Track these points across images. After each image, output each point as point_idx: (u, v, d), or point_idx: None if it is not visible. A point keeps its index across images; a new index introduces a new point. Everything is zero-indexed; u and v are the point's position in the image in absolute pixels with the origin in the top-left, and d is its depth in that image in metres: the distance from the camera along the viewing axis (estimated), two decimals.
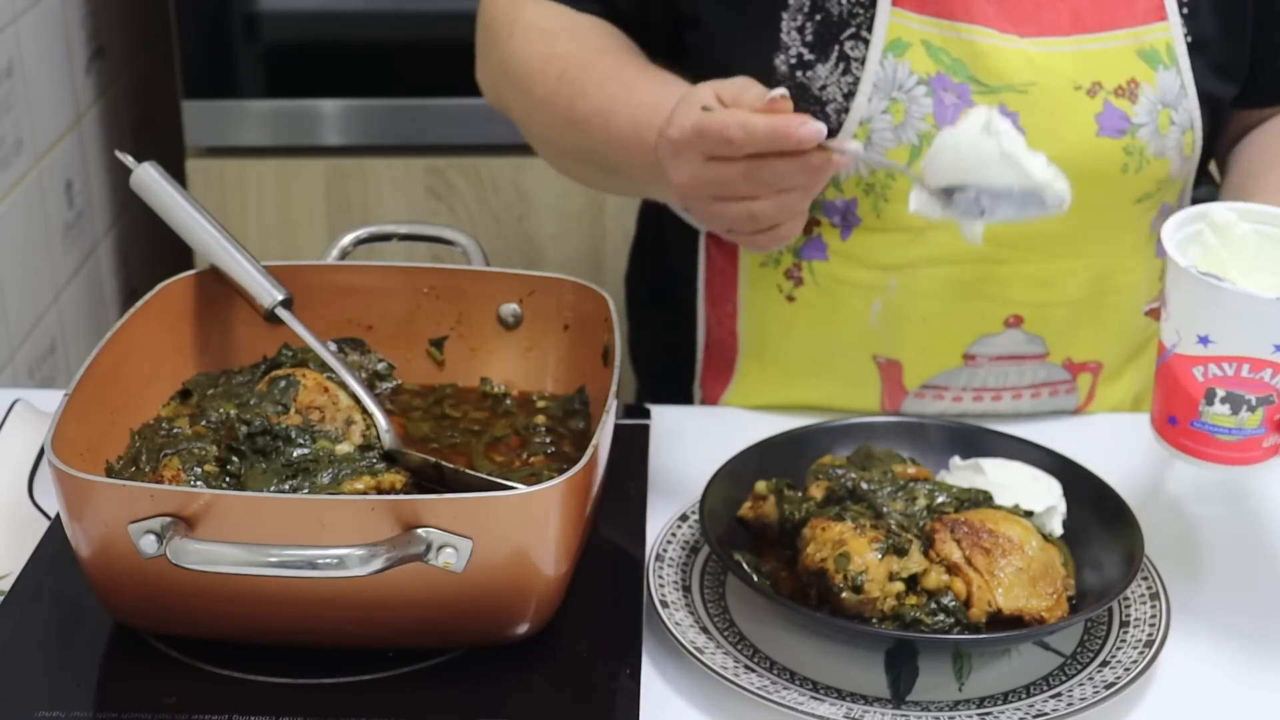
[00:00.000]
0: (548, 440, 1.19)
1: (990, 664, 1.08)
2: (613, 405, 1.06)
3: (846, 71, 1.29)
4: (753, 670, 1.06)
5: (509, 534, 0.97)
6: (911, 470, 1.16)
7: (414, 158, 2.26)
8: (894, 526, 1.09)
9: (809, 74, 1.30)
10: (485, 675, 1.02)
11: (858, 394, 1.38)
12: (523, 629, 1.03)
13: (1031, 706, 1.03)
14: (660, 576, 1.13)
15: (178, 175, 2.26)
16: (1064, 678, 1.06)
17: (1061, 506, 1.16)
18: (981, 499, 1.14)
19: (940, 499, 1.12)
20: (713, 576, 1.15)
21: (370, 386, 1.16)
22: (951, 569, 1.07)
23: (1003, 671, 1.07)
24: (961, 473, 1.19)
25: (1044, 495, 1.16)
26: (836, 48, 1.29)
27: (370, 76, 2.25)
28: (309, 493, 1.04)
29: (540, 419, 1.21)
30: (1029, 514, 1.13)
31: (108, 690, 1.02)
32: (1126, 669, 1.05)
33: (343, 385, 1.12)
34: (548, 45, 1.34)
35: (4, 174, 1.88)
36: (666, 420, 1.36)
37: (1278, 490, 1.31)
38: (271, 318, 1.17)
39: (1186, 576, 1.16)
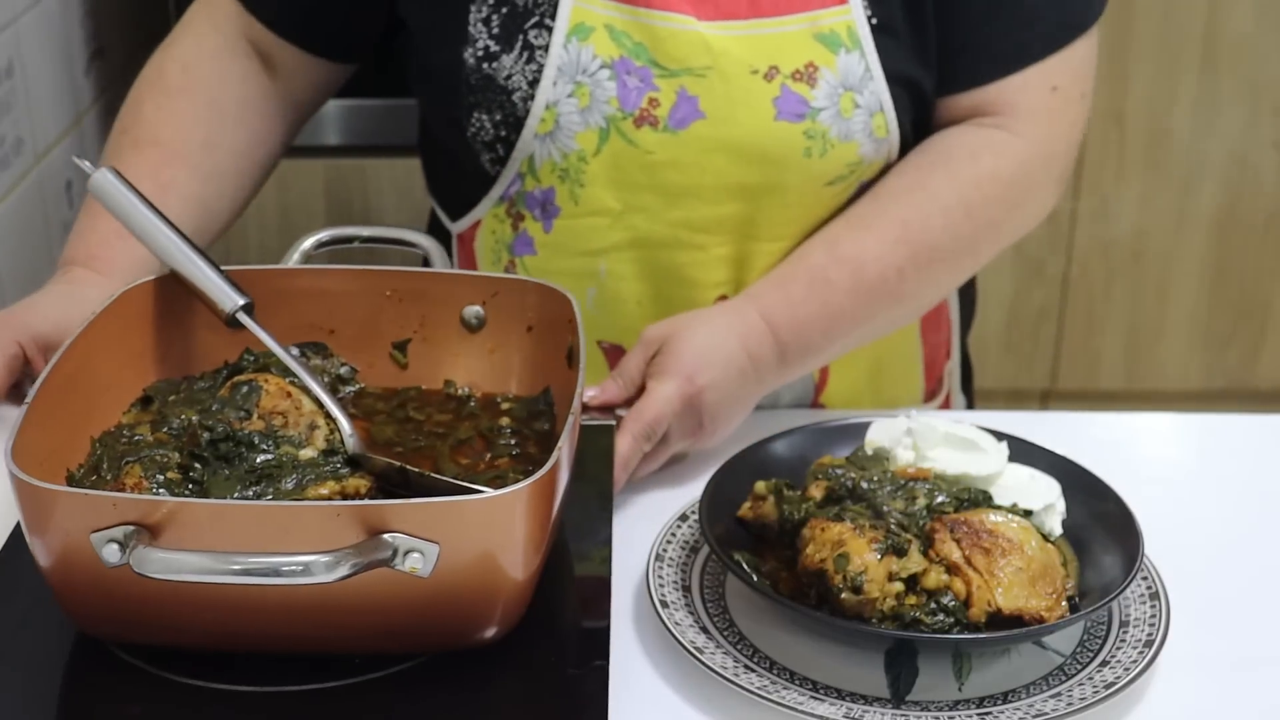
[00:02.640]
0: (513, 442, 1.18)
1: (990, 664, 1.08)
2: (578, 406, 1.05)
3: (531, 60, 1.32)
4: (753, 670, 1.06)
5: (476, 537, 0.96)
6: (911, 470, 1.16)
7: (414, 158, 2.25)
8: (894, 526, 1.09)
9: (494, 65, 1.33)
10: (453, 680, 1.01)
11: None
12: (490, 632, 1.02)
13: (1031, 706, 1.03)
14: (660, 576, 1.13)
15: None
16: (1064, 678, 1.06)
17: (1060, 505, 1.16)
18: (981, 499, 1.14)
19: (940, 498, 1.12)
20: (713, 576, 1.15)
21: (333, 390, 1.14)
22: (951, 569, 1.07)
23: (1002, 671, 1.07)
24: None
25: (1042, 494, 1.16)
26: (521, 37, 1.32)
27: (370, 76, 2.25)
28: (273, 499, 1.03)
29: (505, 421, 1.20)
30: (1028, 513, 1.13)
31: (71, 701, 1.01)
32: (1126, 669, 1.05)
33: (305, 390, 1.11)
34: (156, 96, 1.43)
35: (4, 174, 1.88)
36: None
37: (1278, 490, 1.32)
38: (232, 323, 1.15)
39: (1186, 576, 1.16)
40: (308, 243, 1.26)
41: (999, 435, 1.21)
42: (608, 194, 1.35)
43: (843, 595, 1.05)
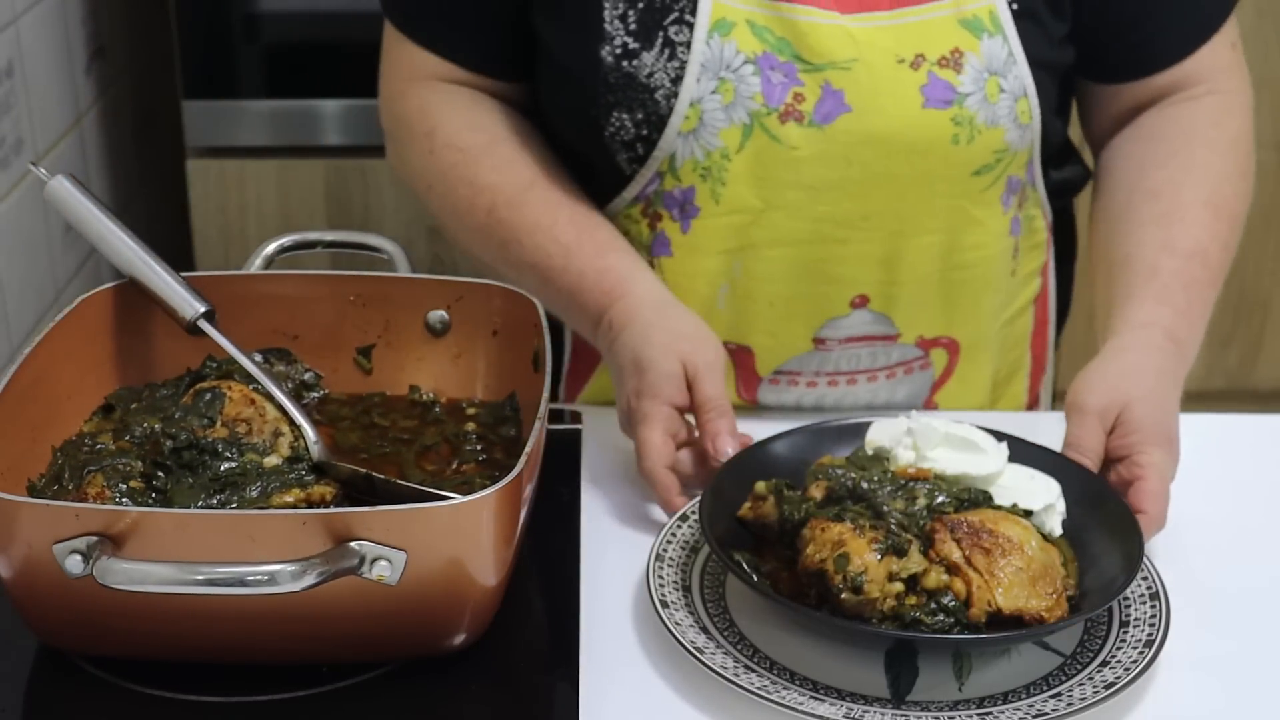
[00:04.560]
0: (479, 448, 1.17)
1: (990, 664, 1.08)
2: (544, 412, 1.05)
3: (672, 57, 1.31)
4: (753, 670, 1.06)
5: (444, 544, 0.95)
6: (911, 470, 1.16)
7: None
8: (894, 526, 1.09)
9: (635, 63, 1.31)
10: (422, 688, 1.01)
11: None
12: (459, 640, 1.01)
13: (1031, 706, 1.03)
14: (660, 576, 1.13)
15: (178, 175, 2.27)
16: (1064, 678, 1.06)
17: (1060, 505, 1.16)
18: (981, 499, 1.14)
19: (940, 498, 1.12)
20: (713, 576, 1.15)
21: (297, 397, 1.14)
22: (951, 569, 1.07)
23: (1003, 671, 1.07)
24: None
25: (1042, 494, 1.16)
26: (661, 34, 1.31)
27: (370, 76, 2.25)
28: (237, 507, 1.02)
29: (470, 426, 1.19)
30: (1028, 513, 1.13)
31: (34, 715, 1.00)
32: (1126, 669, 1.05)
33: (269, 396, 1.10)
34: (472, 172, 1.37)
35: (4, 174, 1.88)
36: None
37: (1278, 489, 1.31)
38: (194, 330, 1.14)
39: (1187, 576, 1.16)
40: (270, 248, 1.25)
41: (999, 435, 1.21)
42: (749, 192, 1.33)
43: (843, 595, 1.05)
